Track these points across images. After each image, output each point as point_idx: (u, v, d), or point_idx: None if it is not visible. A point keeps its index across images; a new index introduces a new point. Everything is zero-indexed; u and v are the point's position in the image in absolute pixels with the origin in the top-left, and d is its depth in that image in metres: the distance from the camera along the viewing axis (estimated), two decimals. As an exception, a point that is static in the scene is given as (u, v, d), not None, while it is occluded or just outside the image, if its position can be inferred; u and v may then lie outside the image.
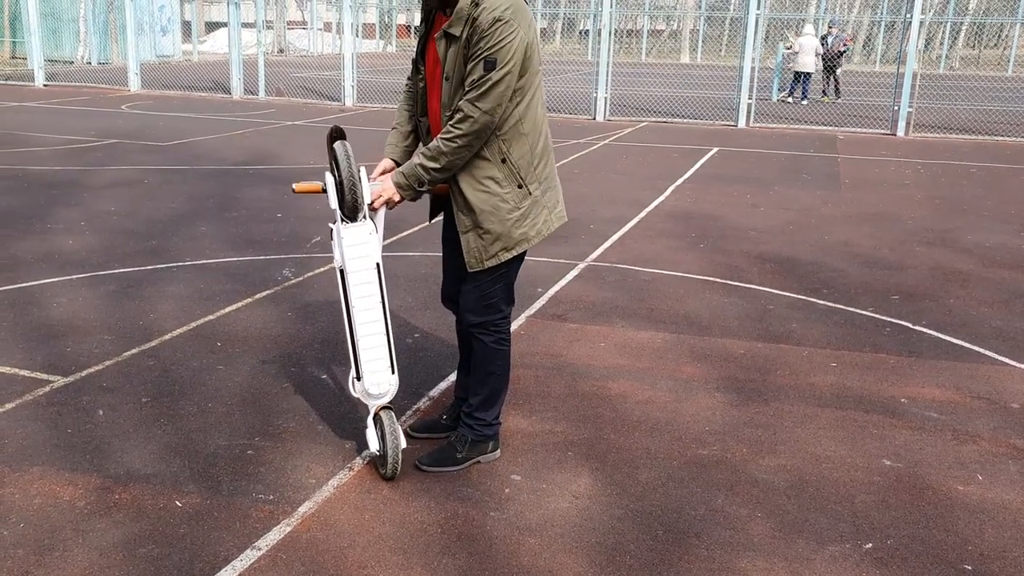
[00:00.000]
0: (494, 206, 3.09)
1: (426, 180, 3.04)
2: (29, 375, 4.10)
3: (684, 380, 4.26)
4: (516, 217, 3.12)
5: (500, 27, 2.85)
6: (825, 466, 3.47)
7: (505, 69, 2.89)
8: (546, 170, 3.17)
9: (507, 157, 3.06)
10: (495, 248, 3.14)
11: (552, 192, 3.22)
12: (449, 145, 2.97)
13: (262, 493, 3.15)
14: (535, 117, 3.08)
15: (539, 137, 3.12)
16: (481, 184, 3.07)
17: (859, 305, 5.47)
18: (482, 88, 2.90)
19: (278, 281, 5.62)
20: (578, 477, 3.32)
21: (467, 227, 3.14)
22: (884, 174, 10.49)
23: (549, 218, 3.20)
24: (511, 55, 2.89)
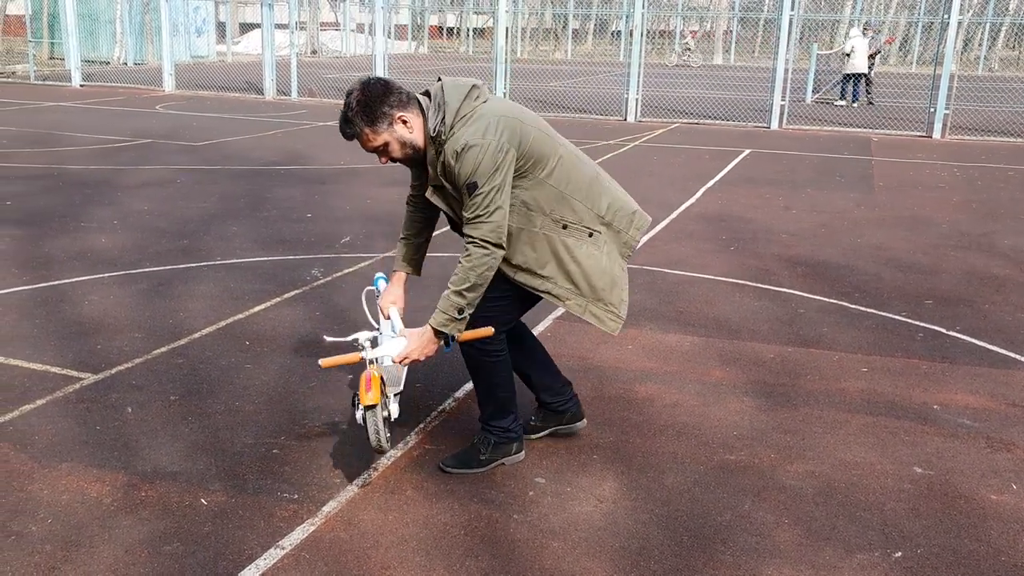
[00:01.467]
0: (589, 268, 3.11)
1: (463, 304, 2.97)
2: (60, 372, 4.15)
3: (712, 384, 4.22)
4: (606, 258, 3.14)
5: (465, 154, 2.88)
6: (854, 473, 3.42)
7: (488, 186, 2.89)
8: (603, 202, 3.16)
9: (565, 222, 3.08)
10: (617, 295, 3.18)
11: (620, 215, 3.19)
12: (472, 267, 2.94)
13: (287, 492, 3.16)
14: (569, 176, 3.09)
15: (583, 187, 3.12)
16: (565, 261, 3.10)
17: (891, 310, 5.39)
18: (474, 210, 2.91)
19: (307, 281, 5.64)
20: (603, 481, 3.30)
21: (583, 306, 3.15)
22: (919, 177, 10.34)
23: (628, 236, 3.21)
24: (490, 171, 2.89)
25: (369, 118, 2.92)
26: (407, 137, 2.99)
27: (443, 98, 2.97)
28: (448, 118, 2.94)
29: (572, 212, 3.09)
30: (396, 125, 2.95)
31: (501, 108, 3.00)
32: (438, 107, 2.97)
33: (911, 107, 17.67)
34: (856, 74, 18.64)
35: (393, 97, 2.94)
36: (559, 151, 3.09)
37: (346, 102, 2.95)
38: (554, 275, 3.11)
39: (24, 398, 3.86)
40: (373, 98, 2.91)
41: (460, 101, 2.96)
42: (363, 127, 2.93)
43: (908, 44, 38.34)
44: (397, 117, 2.94)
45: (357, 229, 7.03)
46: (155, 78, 18.86)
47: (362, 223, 7.25)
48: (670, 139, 13.13)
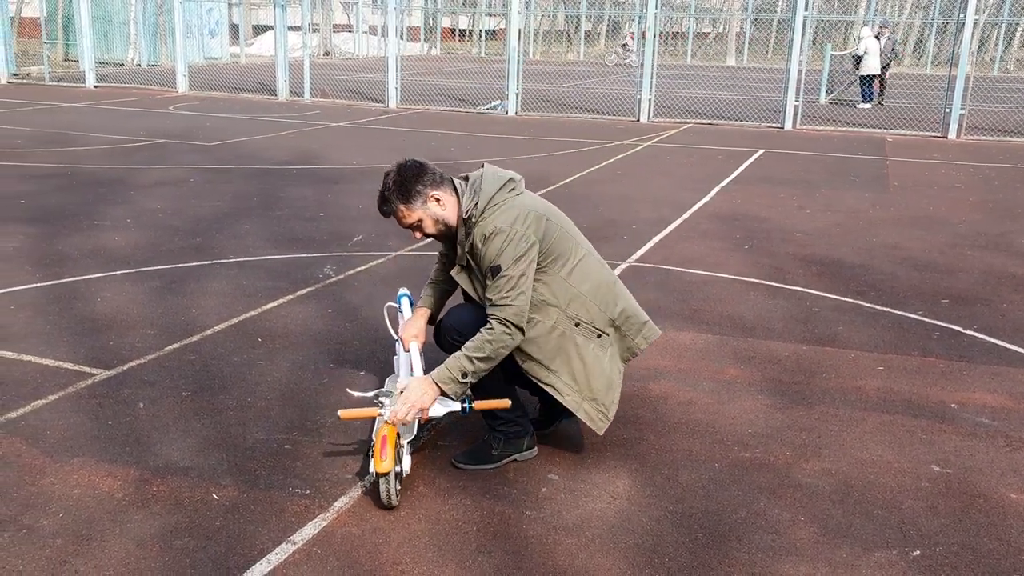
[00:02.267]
0: (592, 369, 3.20)
1: (469, 370, 3.06)
2: (72, 368, 4.14)
3: (727, 382, 4.18)
4: (607, 360, 3.24)
5: (493, 239, 3.05)
6: (871, 471, 3.38)
7: (512, 271, 3.04)
8: (617, 307, 3.28)
9: (578, 320, 3.19)
10: (610, 397, 3.26)
11: (631, 322, 3.31)
12: (490, 340, 3.06)
13: (298, 488, 3.15)
14: (587, 277, 3.22)
15: (600, 289, 3.24)
16: (572, 359, 3.18)
17: (908, 308, 5.34)
18: (498, 292, 3.05)
19: (319, 279, 5.63)
20: (617, 478, 3.27)
21: (578, 403, 3.22)
22: (934, 177, 10.27)
23: (634, 343, 3.33)
24: (514, 258, 3.04)
25: (404, 196, 3.12)
26: (440, 214, 3.16)
27: (480, 184, 3.15)
28: (481, 203, 3.10)
29: (586, 311, 3.21)
30: (430, 203, 3.14)
31: (532, 203, 3.18)
32: (474, 192, 3.14)
33: (926, 108, 17.57)
34: (871, 75, 18.53)
35: (427, 177, 3.14)
36: (580, 252, 3.25)
37: (384, 182, 3.15)
38: (560, 370, 3.20)
39: (36, 393, 3.86)
40: (408, 178, 3.12)
41: (495, 190, 3.13)
42: (398, 204, 3.13)
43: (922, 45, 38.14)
44: (431, 195, 3.13)
45: (369, 228, 7.02)
46: (168, 79, 18.93)
47: (374, 222, 7.23)
48: (683, 139, 13.09)
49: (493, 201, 3.12)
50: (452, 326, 3.28)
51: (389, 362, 4.28)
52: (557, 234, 3.18)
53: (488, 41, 42.41)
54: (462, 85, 21.56)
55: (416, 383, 3.10)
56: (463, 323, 3.24)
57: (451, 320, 3.31)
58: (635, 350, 3.36)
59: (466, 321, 3.23)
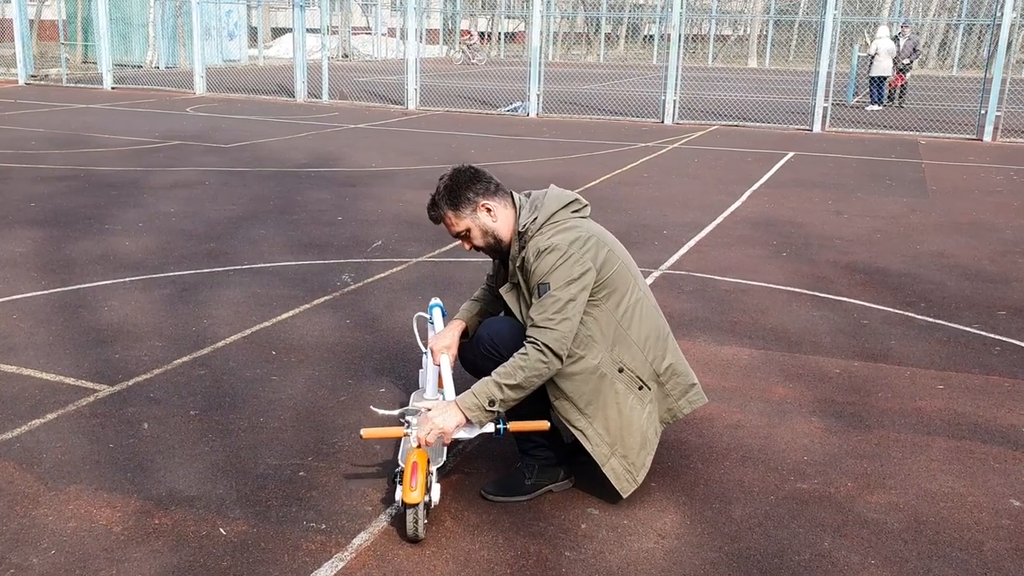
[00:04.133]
0: (628, 421, 2.91)
1: (498, 398, 2.75)
2: (74, 383, 3.88)
3: (776, 402, 3.87)
4: (645, 417, 2.96)
5: (547, 255, 2.80)
6: (943, 505, 3.06)
7: (561, 293, 2.77)
8: (666, 361, 3.01)
9: (623, 365, 2.92)
10: (642, 457, 2.95)
11: (677, 381, 3.05)
12: (524, 367, 2.76)
13: (313, 521, 2.86)
14: (640, 322, 2.95)
15: (651, 338, 2.97)
16: (609, 406, 2.89)
17: (962, 321, 5.01)
18: (543, 313, 2.77)
19: (337, 287, 5.35)
20: (663, 512, 2.97)
21: (607, 456, 2.92)
22: (973, 180, 9.90)
23: (677, 405, 3.05)
24: (566, 280, 2.78)
25: (453, 202, 2.93)
26: (489, 225, 2.96)
27: (543, 200, 2.94)
28: (541, 219, 2.89)
29: (631, 358, 2.94)
30: (479, 212, 2.94)
31: (595, 228, 2.96)
32: (534, 207, 2.94)
33: (957, 109, 17.15)
34: (882, 76, 18.08)
35: (480, 185, 2.94)
36: (637, 293, 2.98)
37: (437, 186, 2.98)
38: (594, 416, 2.90)
39: (35, 412, 3.60)
40: (460, 183, 2.94)
41: (558, 208, 2.92)
42: (446, 210, 2.95)
43: (947, 47, 37.57)
44: (481, 204, 2.93)
45: (389, 232, 6.74)
46: (186, 81, 18.75)
47: (394, 226, 6.96)
48: (710, 141, 12.75)
49: (554, 219, 2.90)
50: (489, 336, 2.99)
51: (412, 378, 4.00)
52: (617, 267, 2.92)
53: (507, 44, 42.15)
54: (482, 87, 21.29)
55: (440, 407, 2.82)
56: (501, 335, 2.96)
57: (488, 330, 3.02)
58: (676, 413, 3.06)
59: (504, 334, 2.95)
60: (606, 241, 2.95)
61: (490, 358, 2.94)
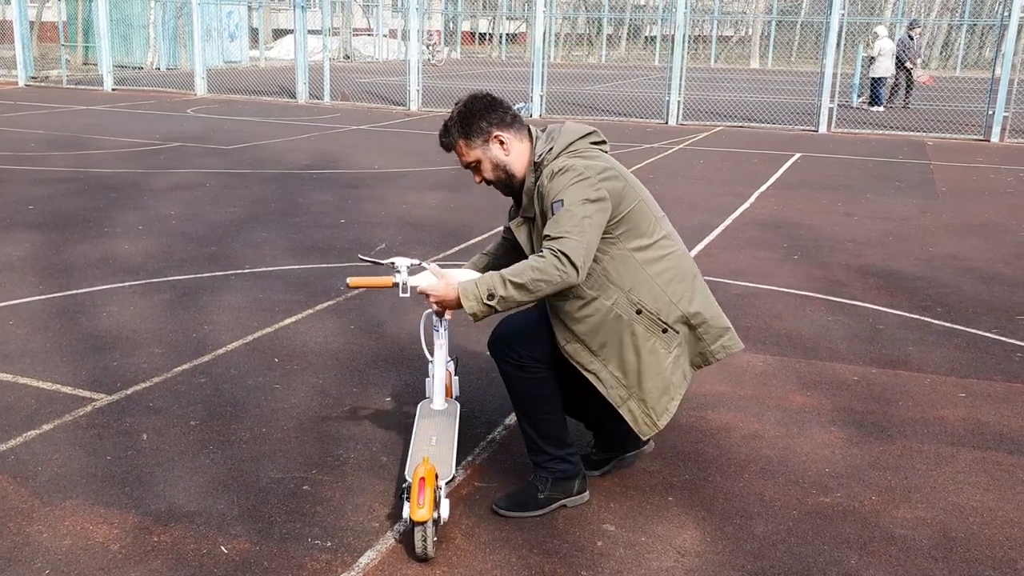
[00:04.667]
0: (647, 365, 2.74)
1: (499, 294, 2.58)
2: (71, 392, 3.77)
3: (794, 411, 3.75)
4: (671, 362, 2.77)
5: (562, 175, 2.66)
6: (972, 520, 2.95)
7: (578, 208, 2.60)
8: (694, 304, 2.81)
9: (641, 307, 2.74)
10: (663, 403, 2.78)
11: (710, 324, 2.83)
12: (535, 269, 2.58)
13: (318, 538, 2.75)
14: (665, 263, 2.78)
15: (676, 280, 2.79)
16: (626, 348, 2.74)
17: (980, 326, 4.90)
18: (559, 226, 2.59)
19: (340, 291, 5.24)
20: (682, 529, 2.85)
21: (624, 398, 2.78)
22: (983, 182, 9.78)
23: (709, 349, 2.84)
24: (582, 199, 2.61)
25: (465, 130, 2.81)
26: (501, 159, 2.82)
27: (559, 132, 2.81)
28: (557, 148, 2.76)
29: (653, 300, 2.76)
30: (492, 144, 2.81)
31: (613, 162, 2.82)
32: (550, 138, 2.80)
33: (963, 110, 17.03)
34: (882, 77, 17.88)
35: (495, 115, 2.81)
36: (659, 232, 2.80)
37: (453, 108, 2.86)
38: (608, 359, 2.77)
39: (30, 422, 3.49)
40: (474, 111, 2.81)
41: (576, 138, 2.79)
42: (458, 138, 2.83)
43: (950, 48, 37.45)
44: (495, 135, 2.80)
45: (393, 235, 6.63)
46: (187, 82, 18.65)
47: (398, 229, 6.85)
48: (715, 142, 12.64)
49: (572, 148, 2.75)
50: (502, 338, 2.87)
51: (419, 386, 3.89)
52: (636, 205, 2.74)
53: (508, 45, 42.06)
54: (484, 88, 21.14)
55: (443, 283, 2.71)
56: (519, 332, 2.86)
57: (503, 329, 2.90)
58: (709, 357, 2.86)
59: (523, 330, 2.86)
60: (625, 176, 2.78)
61: (504, 358, 2.85)
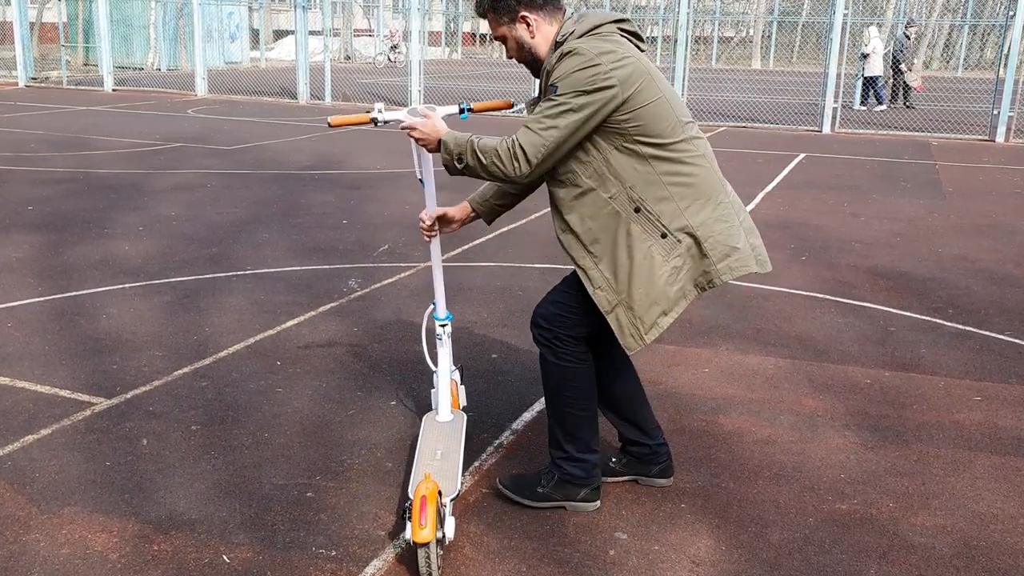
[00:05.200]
0: (638, 269, 2.59)
1: (467, 161, 2.61)
2: (70, 396, 3.70)
3: (807, 415, 3.68)
4: (667, 272, 2.60)
5: (570, 57, 2.53)
6: (993, 528, 2.87)
7: (567, 100, 2.50)
8: (701, 215, 2.62)
9: (641, 206, 2.59)
10: (652, 315, 2.63)
11: (718, 239, 2.63)
12: (496, 152, 2.57)
13: (323, 547, 2.67)
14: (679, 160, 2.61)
15: (690, 183, 2.62)
16: (619, 247, 2.61)
17: (993, 328, 4.82)
18: (536, 115, 2.55)
19: (343, 293, 5.17)
20: (696, 537, 2.78)
21: (611, 304, 2.65)
22: (990, 182, 9.71)
23: (715, 268, 2.63)
24: (579, 87, 2.50)
25: (494, 4, 2.69)
26: (526, 40, 2.70)
27: (589, 13, 2.64)
28: (581, 29, 2.59)
29: (655, 201, 2.59)
30: (518, 24, 2.68)
31: (642, 57, 2.61)
32: (579, 18, 2.64)
33: (967, 110, 16.96)
34: (876, 76, 17.76)
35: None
36: (681, 136, 2.60)
37: None
38: (600, 256, 2.64)
39: (28, 427, 3.42)
40: None
41: (604, 21, 2.61)
42: (488, 10, 2.72)
43: (951, 48, 37.38)
44: (520, 16, 2.67)
45: (396, 236, 6.56)
46: (187, 82, 18.59)
47: (401, 230, 6.78)
48: (719, 143, 12.57)
49: (596, 31, 2.58)
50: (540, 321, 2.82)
51: (425, 390, 3.82)
52: (655, 100, 2.56)
53: (509, 45, 41.96)
54: (485, 88, 21.11)
55: (430, 124, 2.71)
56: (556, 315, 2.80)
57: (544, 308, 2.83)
58: (713, 278, 2.64)
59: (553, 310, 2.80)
60: (648, 69, 2.58)
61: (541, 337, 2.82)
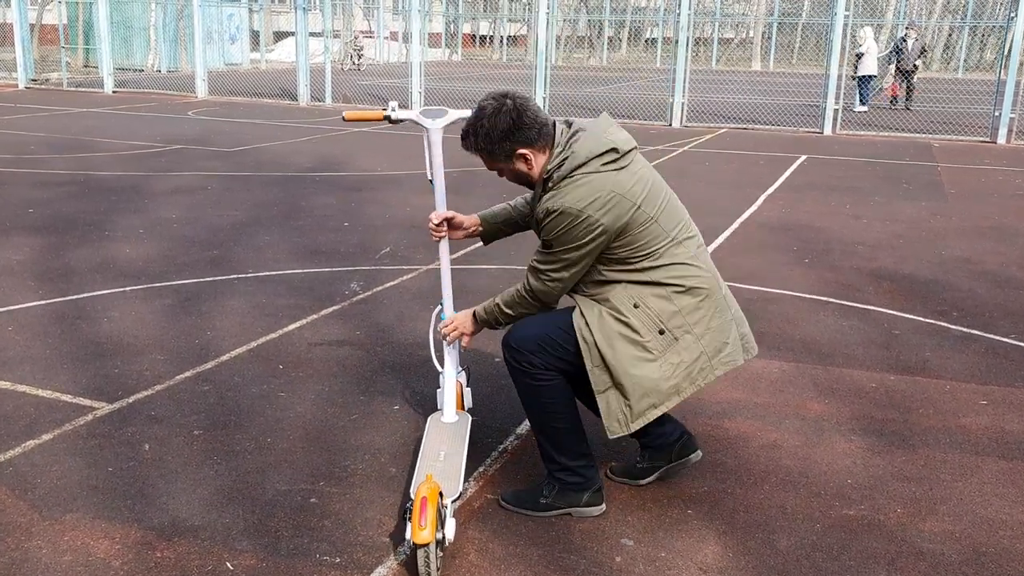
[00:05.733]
0: (633, 356, 2.66)
1: (502, 321, 2.93)
2: (71, 400, 3.68)
3: (812, 419, 3.66)
4: (663, 367, 2.68)
5: (556, 218, 2.65)
6: (1002, 534, 2.85)
7: (563, 255, 2.69)
8: (698, 314, 2.73)
9: (640, 303, 2.70)
10: (643, 405, 2.70)
11: (713, 335, 2.75)
12: (520, 301, 2.86)
13: (327, 554, 2.65)
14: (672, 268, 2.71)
15: (681, 283, 2.71)
16: (615, 335, 2.67)
17: (999, 331, 4.80)
18: (538, 265, 2.77)
19: (345, 296, 5.15)
20: (703, 543, 2.76)
21: (605, 385, 2.70)
22: (992, 184, 9.69)
23: (709, 364, 2.75)
24: (570, 243, 2.66)
25: (487, 149, 2.78)
26: (523, 171, 2.80)
27: (574, 147, 2.69)
28: (565, 169, 2.68)
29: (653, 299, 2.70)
30: (516, 160, 2.78)
31: (625, 182, 2.66)
32: (566, 150, 2.71)
33: (968, 112, 16.95)
34: (869, 75, 17.71)
35: (520, 134, 2.71)
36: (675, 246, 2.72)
37: (477, 115, 2.77)
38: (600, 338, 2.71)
39: (29, 432, 3.39)
40: (498, 132, 2.72)
41: (588, 159, 2.67)
42: (479, 153, 2.82)
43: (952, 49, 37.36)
44: (518, 153, 2.75)
45: (398, 239, 6.54)
46: (188, 84, 18.57)
47: (403, 232, 6.76)
48: (720, 144, 12.55)
49: (579, 171, 2.66)
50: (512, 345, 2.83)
51: (429, 394, 3.80)
52: (645, 228, 2.67)
53: (509, 47, 41.99)
54: (485, 89, 21.08)
55: (460, 318, 3.05)
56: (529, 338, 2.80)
57: (515, 332, 2.84)
58: (708, 374, 2.77)
59: (534, 336, 2.80)
60: (636, 196, 2.65)
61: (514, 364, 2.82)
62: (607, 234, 2.64)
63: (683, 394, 2.74)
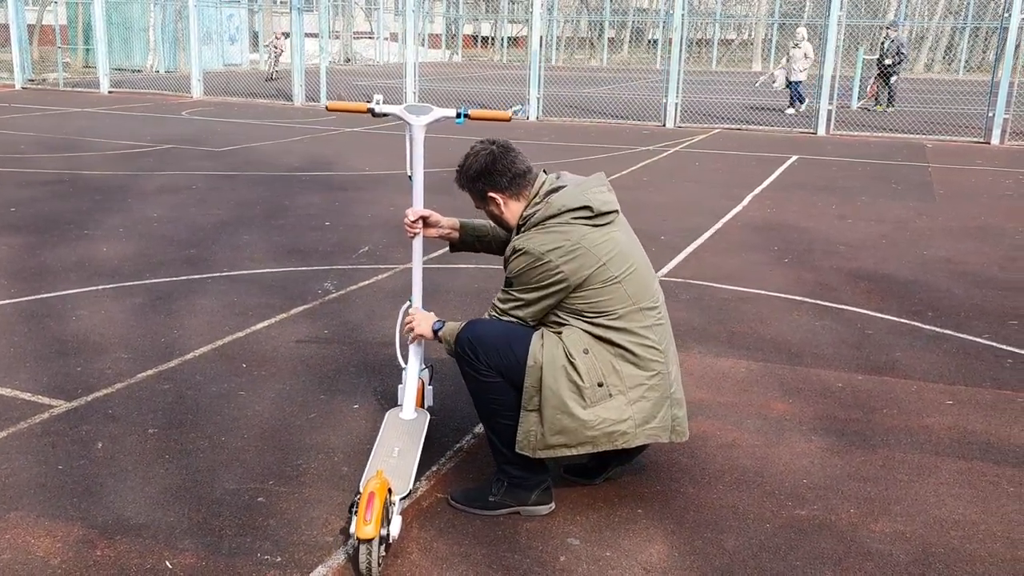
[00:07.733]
0: (568, 396, 2.69)
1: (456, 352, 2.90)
2: (30, 399, 3.66)
3: (774, 419, 3.63)
4: (589, 418, 2.70)
5: (519, 256, 2.76)
6: (953, 534, 2.82)
7: (519, 295, 2.78)
8: (638, 387, 2.74)
9: (590, 350, 2.73)
10: (555, 440, 2.72)
11: (644, 406, 2.75)
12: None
13: (268, 553, 2.63)
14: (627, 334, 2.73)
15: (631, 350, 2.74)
16: (560, 369, 2.70)
17: (972, 331, 4.77)
18: (499, 300, 2.86)
19: (318, 295, 5.13)
20: (649, 543, 2.73)
21: (533, 405, 2.73)
22: (982, 184, 9.65)
23: (632, 431, 2.74)
24: (529, 285, 2.75)
25: (468, 185, 2.96)
26: (495, 213, 2.96)
27: (553, 198, 2.80)
28: (538, 217, 2.79)
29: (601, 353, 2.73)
30: (490, 203, 2.94)
31: (594, 239, 2.73)
32: (543, 200, 2.83)
33: (963, 113, 16.89)
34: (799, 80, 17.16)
35: (492, 178, 2.88)
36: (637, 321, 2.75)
37: (465, 155, 2.97)
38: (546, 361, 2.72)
39: (-16, 430, 3.38)
40: (472, 172, 2.92)
41: (562, 211, 2.76)
42: (464, 190, 2.99)
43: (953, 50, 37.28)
44: (491, 196, 2.91)
45: (377, 238, 6.52)
46: (183, 84, 18.58)
47: (383, 232, 6.74)
48: (712, 144, 12.52)
49: (551, 221, 2.76)
50: (467, 337, 2.82)
51: (390, 393, 3.78)
52: (608, 285, 2.72)
53: (509, 48, 41.99)
54: (483, 90, 21.08)
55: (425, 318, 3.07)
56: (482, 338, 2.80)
57: (470, 330, 2.84)
58: (630, 439, 2.76)
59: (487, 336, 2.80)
60: (600, 251, 2.71)
61: (465, 358, 2.81)
62: (566, 283, 2.70)
63: (597, 447, 2.74)
